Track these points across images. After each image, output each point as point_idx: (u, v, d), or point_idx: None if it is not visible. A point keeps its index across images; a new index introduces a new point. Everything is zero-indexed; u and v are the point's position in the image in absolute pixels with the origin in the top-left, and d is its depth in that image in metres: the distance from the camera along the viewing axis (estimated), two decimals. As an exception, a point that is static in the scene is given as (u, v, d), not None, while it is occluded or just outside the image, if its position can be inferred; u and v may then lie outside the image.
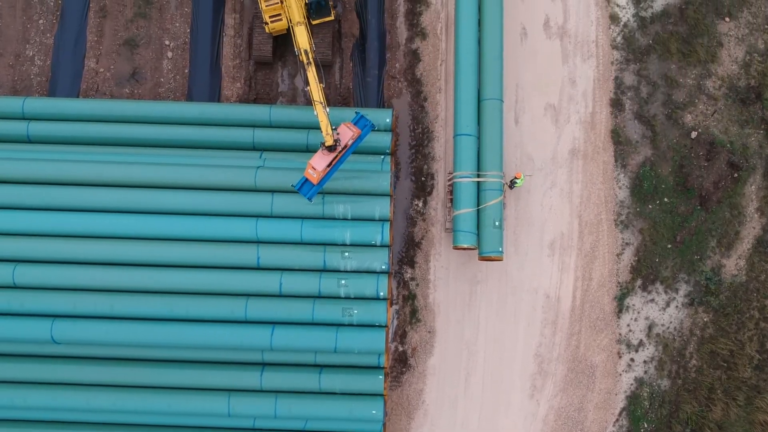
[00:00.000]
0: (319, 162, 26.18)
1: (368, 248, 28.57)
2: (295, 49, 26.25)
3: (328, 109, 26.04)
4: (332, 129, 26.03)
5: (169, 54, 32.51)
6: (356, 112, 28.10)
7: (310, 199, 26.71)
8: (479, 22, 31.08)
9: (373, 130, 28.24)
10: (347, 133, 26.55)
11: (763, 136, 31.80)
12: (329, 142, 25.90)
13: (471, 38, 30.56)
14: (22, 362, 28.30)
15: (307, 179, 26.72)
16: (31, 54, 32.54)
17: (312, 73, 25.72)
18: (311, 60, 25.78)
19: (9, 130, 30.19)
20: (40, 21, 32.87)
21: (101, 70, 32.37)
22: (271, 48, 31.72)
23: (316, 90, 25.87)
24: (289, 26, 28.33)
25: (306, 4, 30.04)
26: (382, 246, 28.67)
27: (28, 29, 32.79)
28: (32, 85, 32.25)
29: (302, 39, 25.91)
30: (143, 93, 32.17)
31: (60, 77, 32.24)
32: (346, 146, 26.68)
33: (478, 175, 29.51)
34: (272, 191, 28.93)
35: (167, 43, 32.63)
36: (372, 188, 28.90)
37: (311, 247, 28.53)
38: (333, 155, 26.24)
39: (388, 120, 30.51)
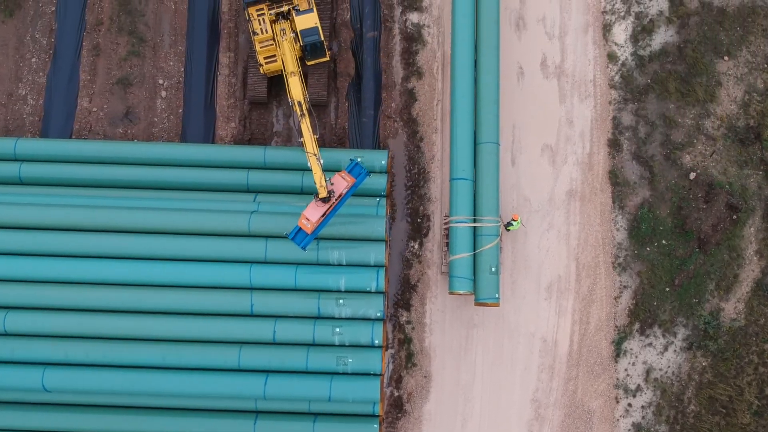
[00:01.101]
0: (312, 213, 25.94)
1: (363, 295, 28.30)
2: (289, 99, 25.97)
3: (321, 161, 25.75)
4: (326, 181, 25.76)
5: (163, 93, 32.23)
6: (351, 159, 27.85)
7: (304, 248, 26.46)
8: (475, 62, 30.82)
9: (368, 176, 27.89)
10: (341, 184, 26.29)
11: (762, 177, 31.51)
12: (323, 194, 25.64)
13: (467, 79, 30.30)
14: (12, 410, 27.97)
15: (300, 228, 26.46)
16: (23, 93, 32.27)
17: (306, 125, 25.45)
18: (305, 111, 25.50)
19: (0, 172, 29.95)
20: (33, 60, 32.60)
21: (94, 109, 32.10)
22: (266, 88, 31.45)
23: (309, 142, 25.60)
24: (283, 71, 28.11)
25: (301, 46, 29.79)
26: (377, 293, 28.38)
27: (20, 68, 32.52)
28: (25, 125, 31.98)
29: (296, 90, 25.63)
30: (137, 133, 31.90)
31: (53, 117, 31.98)
32: (340, 195, 26.42)
33: (474, 220, 29.23)
34: (266, 236, 28.65)
35: (161, 82, 32.35)
36: (367, 234, 28.62)
37: (306, 293, 28.26)
38: (327, 206, 25.99)
39: (383, 162, 30.27)
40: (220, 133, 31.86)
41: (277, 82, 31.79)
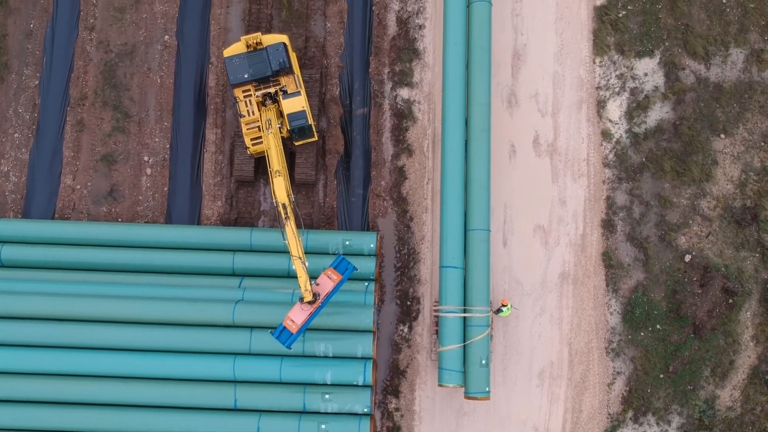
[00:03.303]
0: (298, 315, 25.33)
1: (350, 388, 27.66)
2: (273, 200, 25.29)
3: (307, 264, 25.10)
4: (311, 284, 25.13)
5: (148, 170, 31.61)
6: (337, 254, 27.22)
7: (289, 347, 25.82)
8: (466, 143, 30.21)
9: (355, 270, 27.23)
10: (327, 285, 25.66)
11: (759, 260, 30.88)
12: (308, 298, 25.02)
13: (457, 164, 29.67)
14: None
15: (285, 327, 25.83)
16: (5, 170, 31.65)
17: (290, 228, 24.80)
18: (290, 214, 24.85)
19: (-20, 255, 29.43)
20: (16, 135, 31.99)
21: (78, 187, 31.48)
22: (253, 168, 30.84)
23: (294, 245, 24.95)
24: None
25: (289, 130, 29.19)
26: (364, 386, 27.73)
27: (2, 143, 31.92)
28: (7, 203, 31.35)
29: (280, 192, 24.96)
30: (121, 211, 31.27)
31: (36, 195, 31.37)
32: (326, 294, 25.82)
33: (465, 310, 28.59)
34: (251, 327, 28.02)
35: (146, 159, 31.73)
36: (354, 325, 27.98)
37: (291, 387, 27.61)
38: (312, 308, 25.38)
39: (372, 245, 29.68)
40: (206, 212, 31.25)
41: (264, 161, 31.16)
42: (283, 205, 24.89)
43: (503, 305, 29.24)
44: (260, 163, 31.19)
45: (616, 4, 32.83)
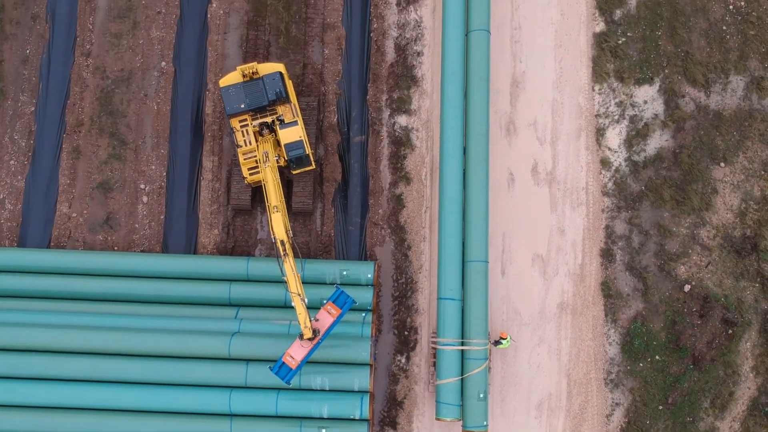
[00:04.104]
0: (297, 351, 25.15)
1: (347, 422, 27.42)
2: (272, 236, 25.05)
3: (306, 300, 24.87)
4: (310, 320, 24.93)
5: (145, 198, 31.41)
6: (336, 285, 27.02)
7: (288, 382, 25.61)
8: (464, 172, 30.02)
9: (354, 303, 27.01)
10: (327, 320, 25.49)
11: (759, 290, 30.67)
12: (308, 335, 24.82)
13: (455, 194, 29.49)
14: None
15: (284, 363, 25.62)
16: (1, 197, 31.46)
17: (289, 265, 24.55)
18: (288, 251, 24.59)
19: (-25, 285, 29.26)
20: (12, 162, 31.79)
21: (74, 215, 31.28)
22: (250, 197, 30.64)
23: (293, 282, 24.71)
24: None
25: (287, 160, 29.00)
26: (361, 420, 27.51)
27: (-2, 170, 31.77)
28: (2, 231, 31.16)
29: (279, 228, 24.70)
30: (117, 240, 31.07)
31: (31, 223, 31.19)
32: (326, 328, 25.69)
33: (462, 343, 28.39)
34: (247, 360, 27.82)
35: (142, 186, 31.54)
36: (351, 358, 27.78)
37: (287, 421, 27.42)
38: (312, 344, 25.20)
39: (369, 275, 29.49)
40: (203, 240, 31.04)
41: (261, 189, 30.94)
42: (282, 242, 24.64)
43: (502, 338, 29.05)
44: (257, 191, 30.98)
45: (616, 31, 32.65)
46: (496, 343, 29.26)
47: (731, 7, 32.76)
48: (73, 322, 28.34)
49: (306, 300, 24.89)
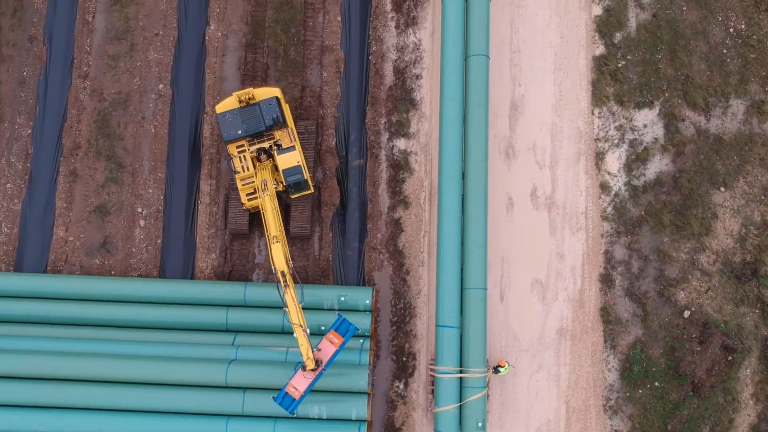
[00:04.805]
0: (300, 382, 25.04)
1: (344, 452, 27.30)
2: (272, 266, 24.82)
3: (308, 331, 24.69)
4: (313, 350, 24.77)
5: (142, 222, 31.26)
6: (338, 314, 26.91)
7: (292, 413, 25.46)
8: (463, 197, 29.88)
9: (357, 331, 26.90)
10: (330, 349, 25.39)
11: (759, 316, 30.51)
12: (311, 366, 24.67)
13: (454, 221, 29.36)
14: None
15: (288, 393, 25.48)
16: (-3, 221, 31.34)
17: (290, 296, 24.36)
18: (289, 282, 24.38)
19: (-28, 310, 29.10)
20: (8, 185, 31.64)
21: (71, 239, 31.12)
22: (247, 221, 30.48)
23: (294, 313, 24.53)
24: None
25: (285, 185, 28.83)
26: (358, 449, 27.39)
27: (-5, 194, 31.61)
28: (-1, 255, 31.04)
29: (279, 260, 24.48)
30: (114, 264, 30.91)
31: (28, 247, 31.02)
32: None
33: (461, 371, 28.23)
34: (244, 388, 27.66)
35: (140, 210, 31.38)
36: (349, 386, 27.65)
37: (284, 449, 27.27)
38: (315, 374, 25.08)
39: (367, 301, 29.37)
40: (200, 264, 30.88)
41: (259, 214, 30.79)
42: (282, 273, 24.45)
43: (500, 366, 28.92)
44: (255, 215, 30.81)
45: (616, 54, 32.50)
46: (496, 370, 29.11)
47: (732, 30, 32.62)
48: (68, 349, 28.21)
49: (308, 331, 24.72)
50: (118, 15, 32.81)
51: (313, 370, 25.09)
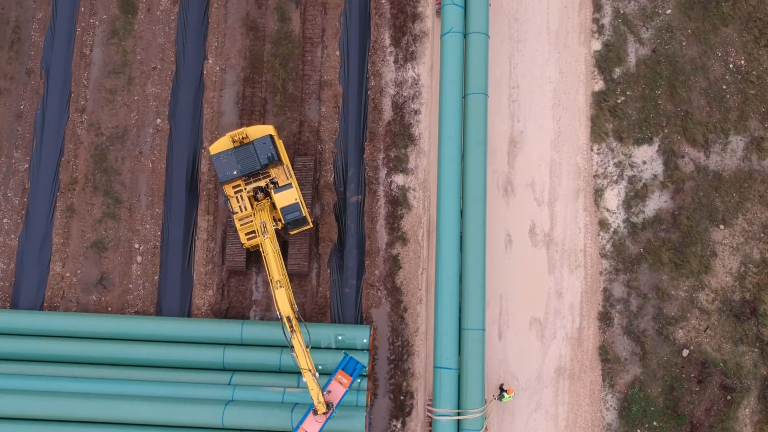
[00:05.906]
0: (312, 426, 25.17)
1: (341, 494, 27.18)
2: (277, 312, 24.62)
3: (317, 375, 24.56)
4: (323, 394, 24.69)
5: (139, 258, 31.12)
6: (344, 352, 26.91)
7: None
8: (461, 236, 29.78)
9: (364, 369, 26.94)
10: (339, 391, 25.52)
11: (758, 355, 30.41)
12: (322, 410, 24.62)
13: (452, 260, 29.28)
14: None
15: None
16: (-6, 256, 31.20)
17: (297, 341, 24.21)
18: (295, 327, 24.21)
19: (-33, 348, 28.96)
20: (5, 220, 31.50)
21: (67, 274, 30.98)
22: (245, 258, 30.35)
23: (303, 358, 24.37)
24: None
25: (283, 223, 28.69)
26: (355, 492, 27.27)
27: (-9, 229, 31.46)
28: (-5, 290, 30.89)
29: (284, 305, 24.27)
30: (111, 300, 30.77)
31: (24, 283, 30.84)
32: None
33: (459, 413, 28.11)
34: (241, 430, 27.53)
35: (137, 246, 31.24)
36: (345, 429, 27.45)
37: (281, 493, 27.16)
38: (326, 416, 25.05)
39: (365, 340, 29.26)
40: (197, 301, 30.75)
41: (257, 251, 30.67)
42: (288, 318, 24.30)
43: (508, 393, 28.64)
44: (252, 252, 30.69)
45: (615, 90, 32.40)
46: (500, 397, 28.93)
47: (731, 65, 32.52)
48: (63, 388, 28.06)
49: (317, 375, 24.59)
50: (115, 48, 32.68)
51: (324, 413, 25.08)
